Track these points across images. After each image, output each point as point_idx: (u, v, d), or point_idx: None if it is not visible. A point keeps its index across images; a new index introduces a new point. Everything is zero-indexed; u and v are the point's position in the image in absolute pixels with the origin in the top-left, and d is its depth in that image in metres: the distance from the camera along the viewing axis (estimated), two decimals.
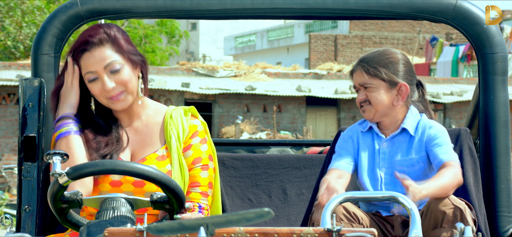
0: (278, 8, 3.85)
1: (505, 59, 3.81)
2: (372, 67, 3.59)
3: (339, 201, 3.14)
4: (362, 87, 3.62)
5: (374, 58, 3.62)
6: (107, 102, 3.41)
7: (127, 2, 3.78)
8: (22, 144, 3.59)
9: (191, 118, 3.53)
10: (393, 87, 3.60)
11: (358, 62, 3.65)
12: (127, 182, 3.37)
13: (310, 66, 39.79)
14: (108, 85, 3.37)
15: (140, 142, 3.48)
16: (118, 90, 3.39)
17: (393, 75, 3.60)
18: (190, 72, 28.42)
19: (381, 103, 3.60)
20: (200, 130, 3.51)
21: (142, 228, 2.78)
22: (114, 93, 3.38)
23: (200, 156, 3.47)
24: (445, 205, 3.33)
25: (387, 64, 3.60)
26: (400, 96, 3.61)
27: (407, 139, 3.60)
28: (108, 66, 3.38)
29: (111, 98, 3.39)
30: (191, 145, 3.48)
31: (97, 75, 3.38)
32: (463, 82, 30.46)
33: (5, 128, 25.90)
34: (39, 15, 32.41)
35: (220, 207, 3.60)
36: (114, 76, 3.38)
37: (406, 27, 43.49)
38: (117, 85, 3.39)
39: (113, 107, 3.42)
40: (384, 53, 3.64)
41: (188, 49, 56.35)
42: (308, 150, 4.41)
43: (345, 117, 28.77)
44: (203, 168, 3.47)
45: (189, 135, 3.48)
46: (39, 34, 3.76)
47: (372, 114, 3.62)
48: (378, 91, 3.60)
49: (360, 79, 3.62)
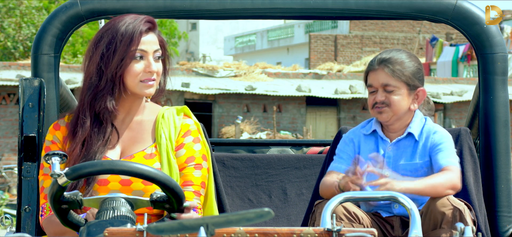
0: (278, 8, 3.85)
1: (505, 59, 3.81)
2: (396, 68, 3.57)
3: (339, 201, 3.14)
4: (381, 87, 3.59)
5: (398, 60, 3.57)
6: (140, 84, 3.43)
7: (127, 2, 3.78)
8: (22, 144, 3.59)
9: (184, 117, 3.53)
10: (413, 91, 3.59)
11: (380, 62, 3.58)
12: (114, 180, 3.37)
13: (310, 66, 39.78)
14: (153, 66, 3.44)
15: (131, 139, 3.48)
16: (155, 77, 3.46)
17: (416, 80, 3.58)
18: (190, 72, 28.42)
19: (401, 107, 3.57)
20: (193, 129, 3.50)
21: (142, 228, 2.78)
22: (152, 77, 3.45)
23: (193, 155, 3.46)
24: (444, 205, 3.33)
25: (408, 68, 3.58)
26: (417, 101, 3.60)
27: (412, 144, 3.59)
28: (156, 52, 3.47)
29: (147, 80, 3.44)
30: (184, 143, 3.47)
31: (144, 55, 3.43)
32: (463, 82, 30.46)
33: (5, 128, 25.90)
34: (38, 16, 32.41)
35: (214, 208, 3.58)
36: (156, 62, 3.47)
37: (406, 27, 43.49)
38: (157, 72, 3.47)
39: (144, 89, 3.44)
40: (403, 56, 3.59)
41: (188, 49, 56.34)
42: (308, 150, 4.41)
43: (345, 117, 28.76)
44: (196, 167, 3.45)
45: (181, 134, 3.48)
46: (39, 34, 3.76)
47: (389, 117, 3.58)
48: (400, 94, 3.57)
49: (383, 79, 3.57)
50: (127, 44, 3.40)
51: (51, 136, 3.48)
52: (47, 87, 3.69)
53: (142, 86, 3.44)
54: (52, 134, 3.49)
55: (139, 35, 3.42)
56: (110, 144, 3.44)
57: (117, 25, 3.42)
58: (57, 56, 3.76)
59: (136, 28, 3.42)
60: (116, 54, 3.39)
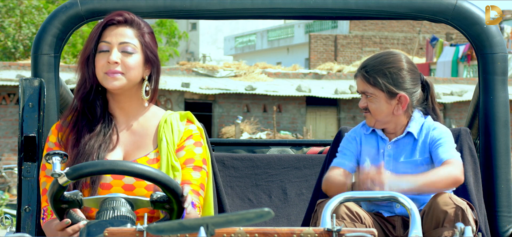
0: (278, 8, 3.85)
1: (505, 59, 3.81)
2: (372, 76, 3.57)
3: (339, 201, 3.14)
4: (363, 94, 3.61)
5: (375, 66, 3.58)
6: (103, 77, 3.41)
7: (127, 2, 3.78)
8: (22, 144, 3.59)
9: (187, 123, 3.52)
10: (393, 97, 3.58)
11: (360, 68, 3.63)
12: (117, 185, 3.37)
13: (310, 66, 39.78)
14: (113, 56, 3.39)
15: (134, 143, 3.47)
16: (118, 69, 3.40)
17: (392, 87, 3.57)
18: (190, 72, 28.42)
19: (381, 112, 3.58)
20: (195, 134, 3.49)
21: (142, 228, 2.78)
22: (113, 69, 3.39)
23: (193, 157, 3.45)
24: (447, 204, 3.33)
25: (388, 74, 3.57)
26: (401, 106, 3.59)
27: (411, 142, 3.60)
28: (123, 45, 3.42)
29: (108, 72, 3.40)
30: (184, 146, 3.46)
31: (109, 48, 3.41)
32: (463, 82, 30.46)
33: (5, 128, 25.90)
34: (38, 15, 32.41)
35: (211, 211, 3.57)
36: (123, 56, 3.41)
37: (406, 27, 43.48)
38: (121, 64, 3.41)
39: (106, 83, 3.41)
40: (386, 61, 3.60)
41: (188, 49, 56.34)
42: (308, 150, 4.41)
43: (345, 117, 28.77)
44: (195, 169, 3.44)
45: (183, 138, 3.47)
46: (39, 34, 3.76)
47: (373, 122, 3.61)
48: (378, 100, 3.58)
49: (360, 87, 3.61)
50: (92, 39, 3.43)
51: (54, 137, 3.48)
52: (47, 87, 3.69)
53: (106, 79, 3.41)
54: (55, 136, 3.48)
55: (101, 29, 3.42)
56: (111, 146, 3.44)
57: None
58: (57, 56, 3.76)
59: (102, 22, 3.43)
60: (86, 51, 3.43)
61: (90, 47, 3.43)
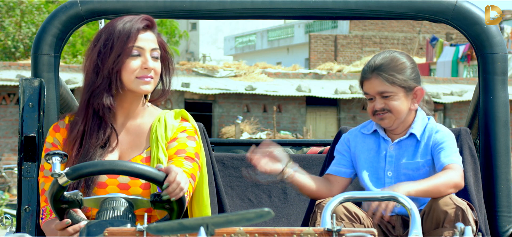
0: (278, 8, 3.85)
1: (505, 59, 3.81)
2: (390, 74, 3.56)
3: (339, 201, 3.14)
4: (378, 95, 3.59)
5: (388, 65, 3.58)
6: (136, 81, 3.43)
7: (127, 2, 3.79)
8: (22, 144, 3.59)
9: (181, 120, 3.52)
10: (410, 92, 3.59)
11: (372, 70, 3.59)
12: (113, 184, 3.36)
13: (310, 66, 39.77)
14: (150, 62, 3.44)
15: (129, 143, 3.47)
16: (152, 74, 3.46)
17: (410, 81, 3.58)
18: (190, 72, 28.41)
19: (402, 110, 3.58)
20: (189, 129, 3.49)
21: (142, 228, 2.78)
22: (149, 74, 3.44)
23: (184, 149, 3.43)
24: (447, 205, 3.33)
25: (403, 70, 3.58)
26: (416, 100, 3.60)
27: (414, 143, 3.60)
28: (154, 50, 3.47)
29: (144, 77, 3.43)
30: (177, 138, 3.46)
31: (141, 53, 3.43)
32: (463, 82, 30.45)
33: (5, 128, 25.90)
34: (38, 15, 32.41)
35: (208, 212, 3.56)
36: (154, 61, 3.46)
37: (406, 27, 43.49)
38: (154, 69, 3.46)
39: (136, 86, 3.43)
40: (394, 59, 3.59)
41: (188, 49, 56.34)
42: (308, 150, 4.41)
43: (345, 117, 28.77)
44: (187, 159, 3.42)
45: (176, 133, 3.47)
46: (39, 34, 3.76)
47: (392, 122, 3.59)
48: (398, 98, 3.57)
49: (377, 88, 3.57)
50: (124, 41, 3.41)
51: (51, 138, 3.48)
52: (47, 87, 3.69)
53: (138, 83, 3.43)
54: (53, 136, 3.48)
55: (136, 32, 3.42)
56: (110, 147, 3.43)
57: (115, 23, 3.44)
58: (57, 56, 3.76)
59: (134, 25, 3.43)
60: (113, 51, 3.40)
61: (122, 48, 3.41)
